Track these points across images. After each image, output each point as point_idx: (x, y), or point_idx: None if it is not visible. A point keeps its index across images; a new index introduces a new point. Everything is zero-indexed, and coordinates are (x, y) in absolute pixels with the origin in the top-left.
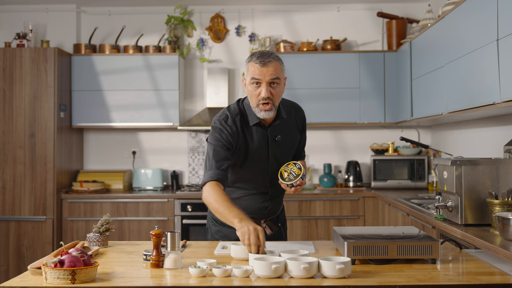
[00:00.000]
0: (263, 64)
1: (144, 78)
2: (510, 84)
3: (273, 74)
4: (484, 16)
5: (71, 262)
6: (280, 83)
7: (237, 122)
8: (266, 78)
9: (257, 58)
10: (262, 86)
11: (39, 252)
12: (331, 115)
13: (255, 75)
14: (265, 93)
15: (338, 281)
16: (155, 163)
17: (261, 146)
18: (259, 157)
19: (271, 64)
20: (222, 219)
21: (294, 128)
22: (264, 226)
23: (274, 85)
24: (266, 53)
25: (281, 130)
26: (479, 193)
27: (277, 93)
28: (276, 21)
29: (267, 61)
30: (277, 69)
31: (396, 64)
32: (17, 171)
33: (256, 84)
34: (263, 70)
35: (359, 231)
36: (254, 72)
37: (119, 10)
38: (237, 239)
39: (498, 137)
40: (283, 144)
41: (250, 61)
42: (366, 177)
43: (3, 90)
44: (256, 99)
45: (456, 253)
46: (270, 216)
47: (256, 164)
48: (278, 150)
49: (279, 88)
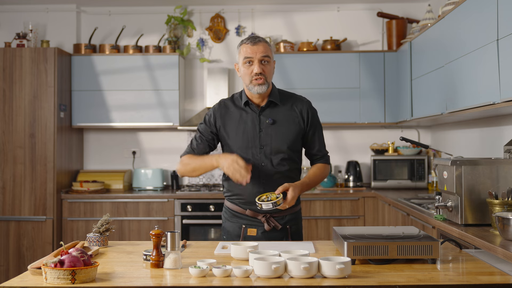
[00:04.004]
0: (254, 43)
1: (144, 78)
2: (510, 84)
3: (264, 52)
4: (484, 16)
5: (71, 262)
6: (270, 62)
7: (227, 103)
8: (258, 56)
9: (247, 39)
10: (255, 64)
11: (39, 252)
12: (331, 115)
13: (247, 54)
14: (257, 69)
15: (338, 281)
16: (155, 163)
17: (251, 128)
18: (249, 138)
19: (261, 43)
20: (202, 170)
21: (293, 119)
22: (263, 220)
23: (265, 63)
24: (256, 36)
25: (275, 116)
26: (479, 193)
27: (268, 71)
28: (276, 21)
29: (257, 40)
30: (267, 48)
31: (396, 64)
32: (17, 171)
33: (248, 63)
34: (254, 48)
35: (359, 231)
36: (246, 51)
37: (119, 10)
38: (238, 235)
39: (498, 137)
40: (277, 130)
41: (242, 44)
42: (366, 177)
43: (3, 90)
44: (250, 76)
45: (456, 253)
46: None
47: (249, 147)
48: (269, 135)
49: (270, 66)
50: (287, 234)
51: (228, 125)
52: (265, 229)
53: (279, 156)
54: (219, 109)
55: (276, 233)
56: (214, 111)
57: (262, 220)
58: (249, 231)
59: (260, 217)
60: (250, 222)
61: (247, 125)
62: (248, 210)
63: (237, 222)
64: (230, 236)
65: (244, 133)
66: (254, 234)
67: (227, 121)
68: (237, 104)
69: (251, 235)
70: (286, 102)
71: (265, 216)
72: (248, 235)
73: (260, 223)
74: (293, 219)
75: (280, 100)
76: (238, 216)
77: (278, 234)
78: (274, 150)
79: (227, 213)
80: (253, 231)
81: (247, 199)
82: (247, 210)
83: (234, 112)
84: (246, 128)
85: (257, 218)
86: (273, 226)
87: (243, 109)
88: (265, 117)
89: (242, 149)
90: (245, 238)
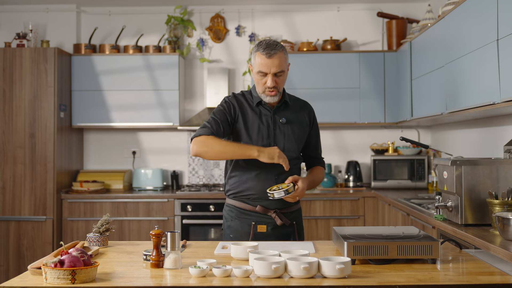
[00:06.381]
0: (269, 56)
1: (144, 78)
2: (510, 84)
3: (278, 67)
4: (484, 16)
5: (71, 262)
6: (284, 74)
7: (240, 98)
8: (272, 70)
9: (263, 49)
10: (268, 77)
11: (39, 252)
12: (331, 115)
13: (261, 68)
14: (270, 83)
15: (338, 281)
16: (155, 163)
17: (265, 126)
18: (263, 136)
19: (276, 56)
20: (235, 156)
21: (300, 119)
22: (274, 216)
23: (279, 75)
24: (272, 43)
25: (288, 116)
26: (479, 193)
27: (281, 81)
28: (276, 21)
29: (272, 53)
30: (282, 61)
31: (396, 64)
32: (17, 171)
33: (262, 74)
34: (269, 62)
35: (359, 231)
36: (260, 64)
37: (119, 10)
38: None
39: (498, 137)
40: (289, 130)
41: (257, 51)
42: (366, 177)
43: (3, 90)
44: (263, 87)
45: (456, 253)
46: (281, 207)
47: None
48: (283, 134)
49: (283, 76)
50: (293, 230)
51: (245, 118)
52: (277, 224)
53: (290, 155)
54: (235, 100)
55: (285, 229)
56: (231, 100)
57: (272, 216)
58: (259, 228)
59: (270, 213)
60: (260, 219)
61: (261, 122)
62: (259, 207)
63: (247, 220)
64: (239, 234)
65: (259, 130)
66: (264, 231)
67: (244, 114)
68: (249, 101)
69: (261, 231)
70: (295, 104)
71: (276, 211)
72: (258, 231)
73: (270, 219)
74: (297, 216)
75: (290, 102)
76: (247, 214)
77: (286, 230)
78: (286, 148)
79: (234, 212)
80: (263, 227)
81: (259, 195)
82: (258, 206)
83: (248, 108)
84: (261, 126)
85: (267, 214)
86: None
87: (256, 107)
88: (279, 116)
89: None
90: (255, 235)
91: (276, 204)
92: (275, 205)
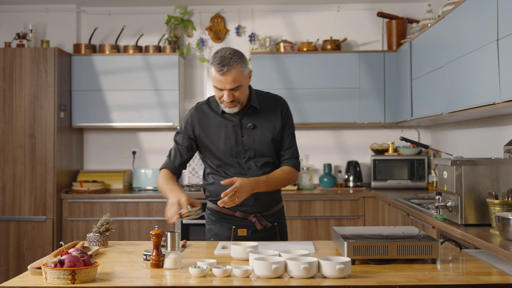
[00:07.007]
0: (222, 73)
1: (144, 78)
2: (510, 84)
3: (233, 83)
4: (484, 16)
5: (71, 262)
6: (242, 87)
7: (204, 109)
8: (227, 87)
9: (217, 64)
10: (224, 92)
11: (39, 252)
12: (331, 115)
13: (216, 84)
14: (227, 98)
15: (338, 281)
16: (155, 163)
17: (233, 133)
18: (231, 144)
19: (230, 73)
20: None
21: (272, 119)
22: (254, 220)
23: (236, 89)
24: (226, 58)
25: (255, 119)
26: (479, 193)
27: (240, 94)
28: (276, 21)
29: (225, 70)
30: (237, 76)
31: (396, 64)
32: (17, 171)
33: (218, 89)
34: (222, 79)
35: (359, 231)
36: (215, 79)
37: (119, 10)
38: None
39: (498, 137)
40: (259, 134)
41: (211, 64)
42: (366, 177)
43: (3, 90)
44: (220, 100)
45: (456, 253)
46: (262, 210)
47: (232, 150)
48: (252, 139)
49: (242, 89)
50: (275, 233)
51: (208, 131)
52: (257, 229)
53: (263, 160)
54: (196, 115)
55: (266, 232)
56: (191, 118)
57: (252, 221)
58: (240, 232)
59: (250, 217)
60: (240, 223)
61: (228, 129)
62: (238, 212)
63: (227, 224)
64: (220, 238)
65: (226, 138)
66: (245, 234)
67: (206, 127)
68: (214, 108)
69: (242, 235)
70: (265, 104)
71: (256, 216)
72: (239, 235)
73: (250, 223)
74: (279, 217)
75: (259, 103)
76: (227, 218)
77: (267, 233)
78: (258, 153)
79: (214, 215)
80: (244, 231)
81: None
82: (237, 211)
83: (212, 117)
84: (228, 133)
85: (248, 218)
86: (264, 225)
87: (222, 114)
88: (246, 121)
89: (226, 154)
90: (235, 238)
91: (256, 208)
92: (255, 209)
